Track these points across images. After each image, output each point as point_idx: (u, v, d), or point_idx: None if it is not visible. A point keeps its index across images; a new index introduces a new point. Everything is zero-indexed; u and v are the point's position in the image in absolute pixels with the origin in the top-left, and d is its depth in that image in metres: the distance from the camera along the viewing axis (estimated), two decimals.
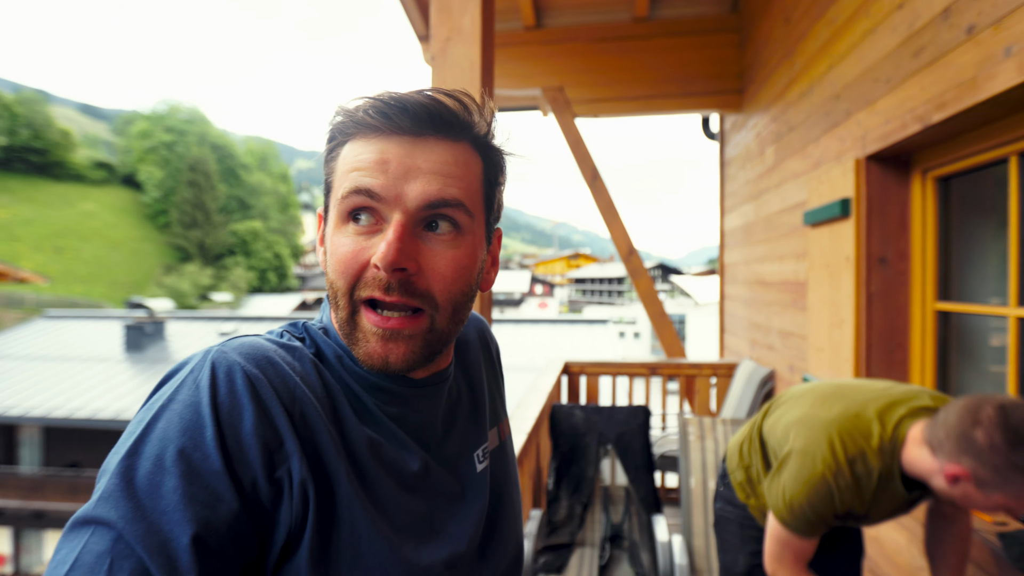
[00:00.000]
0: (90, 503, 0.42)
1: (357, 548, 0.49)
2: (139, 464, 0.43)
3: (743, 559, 1.55)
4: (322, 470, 0.49)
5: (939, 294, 2.00)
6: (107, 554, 0.40)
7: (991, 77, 1.39)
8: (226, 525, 0.43)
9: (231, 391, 0.46)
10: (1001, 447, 1.00)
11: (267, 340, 0.53)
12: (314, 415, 0.49)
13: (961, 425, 1.05)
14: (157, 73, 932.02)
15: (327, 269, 0.54)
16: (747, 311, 3.90)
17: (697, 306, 35.24)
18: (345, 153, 0.53)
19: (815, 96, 2.61)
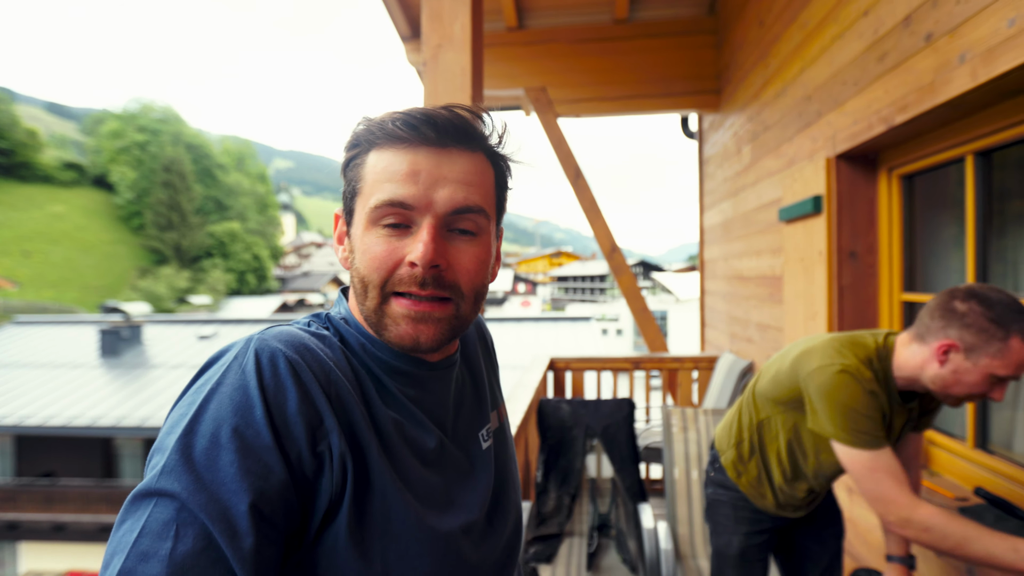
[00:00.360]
0: (150, 478, 0.47)
1: (387, 515, 0.55)
2: (196, 441, 0.47)
3: (737, 540, 1.59)
4: (357, 445, 0.55)
5: (905, 285, 2.11)
6: (172, 521, 0.44)
7: (947, 82, 1.49)
8: (277, 494, 0.48)
9: (275, 374, 0.52)
10: (978, 309, 1.15)
11: (301, 329, 0.59)
12: (348, 396, 0.55)
13: (941, 306, 1.21)
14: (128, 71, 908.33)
15: (356, 265, 0.60)
16: (726, 305, 4.01)
17: (678, 302, 35.63)
18: (373, 161, 0.60)
19: (788, 97, 2.72)
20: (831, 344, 1.35)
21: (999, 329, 1.13)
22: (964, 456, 1.76)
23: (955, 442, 1.82)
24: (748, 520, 1.59)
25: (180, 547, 0.43)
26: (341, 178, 0.64)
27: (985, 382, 1.18)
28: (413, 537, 0.56)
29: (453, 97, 1.43)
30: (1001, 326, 1.13)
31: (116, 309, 19.97)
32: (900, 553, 1.47)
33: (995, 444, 1.70)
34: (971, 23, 1.40)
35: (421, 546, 0.57)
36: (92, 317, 19.50)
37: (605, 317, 37.70)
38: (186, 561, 0.43)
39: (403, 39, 4.11)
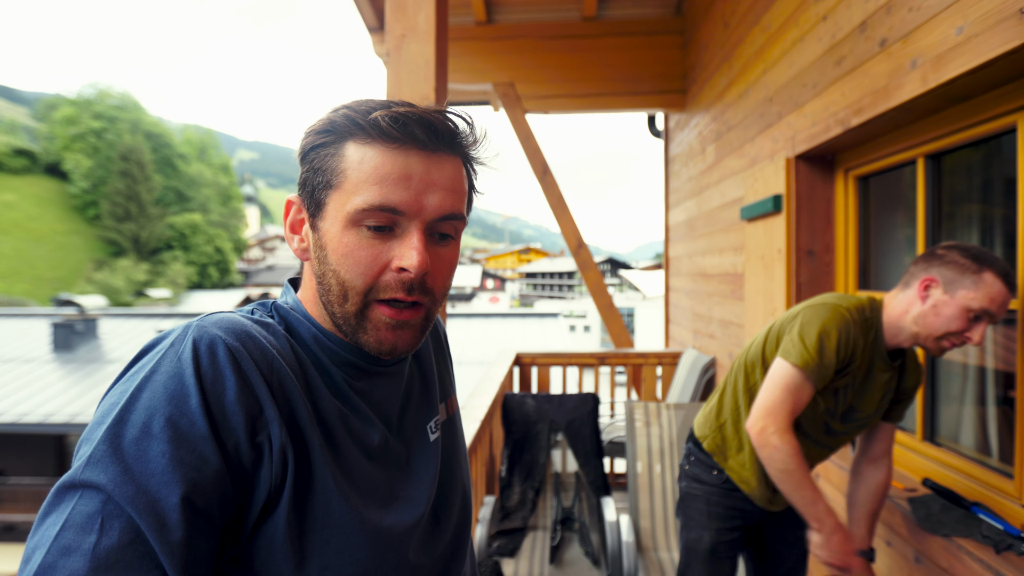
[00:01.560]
0: (75, 469, 0.44)
1: (328, 508, 0.54)
2: (126, 431, 0.45)
3: (708, 535, 1.59)
4: (299, 436, 0.53)
5: (860, 283, 2.17)
6: (97, 514, 0.42)
7: (900, 86, 1.54)
8: (212, 486, 0.47)
9: (213, 362, 0.50)
10: (956, 252, 1.28)
11: (244, 316, 0.57)
12: (291, 386, 0.54)
13: (925, 255, 1.34)
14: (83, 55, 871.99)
15: (333, 266, 0.57)
16: (690, 302, 4.08)
17: (645, 299, 36.14)
18: (355, 156, 0.56)
19: (751, 98, 2.77)
20: (830, 295, 1.46)
21: (974, 263, 1.25)
22: (913, 448, 1.83)
23: (905, 435, 1.88)
24: (720, 516, 1.60)
25: (105, 541, 0.42)
26: (299, 162, 0.60)
27: (962, 316, 1.26)
28: (353, 531, 0.55)
29: (417, 88, 1.41)
30: (976, 261, 1.25)
31: (70, 302, 19.22)
32: (860, 546, 1.52)
33: (943, 437, 1.77)
34: (922, 30, 1.45)
35: (361, 540, 0.56)
36: (44, 310, 18.72)
37: (573, 314, 37.99)
38: (111, 555, 0.42)
39: (370, 30, 4.05)
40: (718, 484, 1.60)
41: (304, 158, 0.59)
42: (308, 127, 0.59)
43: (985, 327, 1.27)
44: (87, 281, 45.84)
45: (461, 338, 14.25)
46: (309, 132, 0.59)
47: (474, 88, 4.28)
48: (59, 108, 59.29)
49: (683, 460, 1.73)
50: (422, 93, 1.42)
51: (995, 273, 1.23)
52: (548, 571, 2.11)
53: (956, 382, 1.73)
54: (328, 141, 0.57)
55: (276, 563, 0.52)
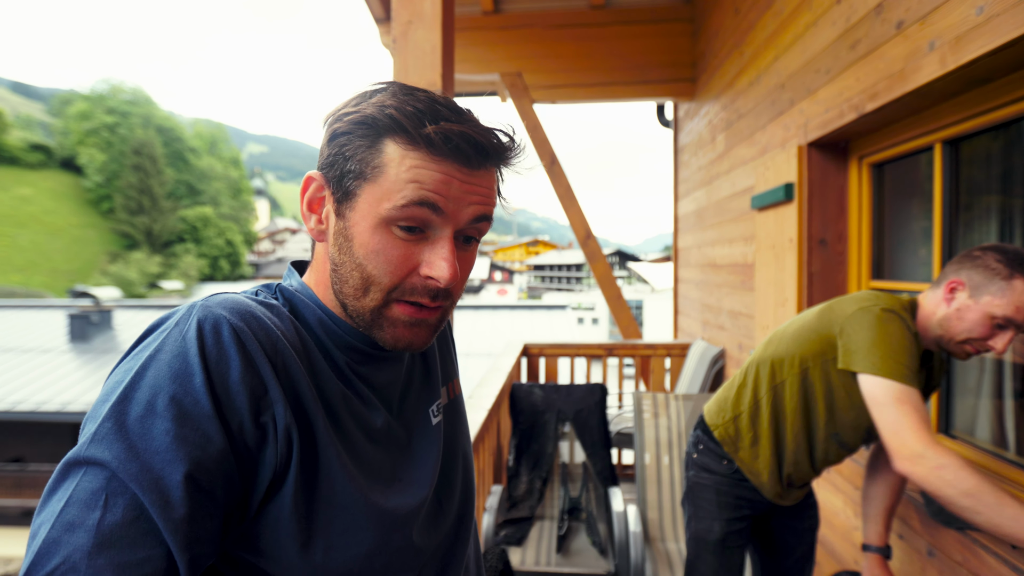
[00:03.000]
0: (80, 446, 0.44)
1: (332, 488, 0.54)
2: (130, 409, 0.45)
3: (719, 526, 1.56)
4: (304, 416, 0.53)
5: (873, 273, 2.14)
6: (102, 491, 0.42)
7: (917, 69, 1.50)
8: (215, 464, 0.46)
9: (218, 342, 0.49)
10: (992, 254, 1.20)
11: (248, 297, 0.57)
12: (294, 366, 0.53)
13: (962, 255, 1.26)
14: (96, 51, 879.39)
15: (359, 259, 0.56)
16: (699, 293, 4.04)
17: (654, 292, 36.00)
18: (396, 154, 0.54)
19: (762, 85, 2.72)
20: (864, 294, 1.38)
21: (1005, 268, 1.17)
22: None
23: None
24: (730, 506, 1.57)
25: (109, 517, 0.42)
26: (326, 141, 0.57)
27: (985, 323, 1.20)
28: (358, 512, 0.55)
29: (423, 75, 1.39)
30: (1008, 266, 1.17)
31: (86, 294, 19.45)
32: (877, 543, 1.48)
33: (958, 430, 1.73)
34: (941, 11, 1.41)
35: (366, 521, 0.56)
36: (61, 302, 18.98)
37: (581, 306, 37.93)
38: (115, 532, 0.41)
39: (377, 21, 4.02)
40: (728, 474, 1.57)
41: (333, 139, 0.57)
42: (342, 109, 0.57)
43: (1011, 336, 1.18)
44: (102, 273, 46.41)
45: (469, 330, 14.27)
46: (342, 117, 0.56)
47: (481, 78, 4.25)
48: (73, 103, 59.88)
49: (690, 448, 1.68)
50: (428, 80, 1.40)
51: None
52: (555, 560, 2.10)
53: (973, 374, 1.69)
54: (367, 133, 0.55)
55: (282, 542, 0.52)
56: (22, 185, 53.53)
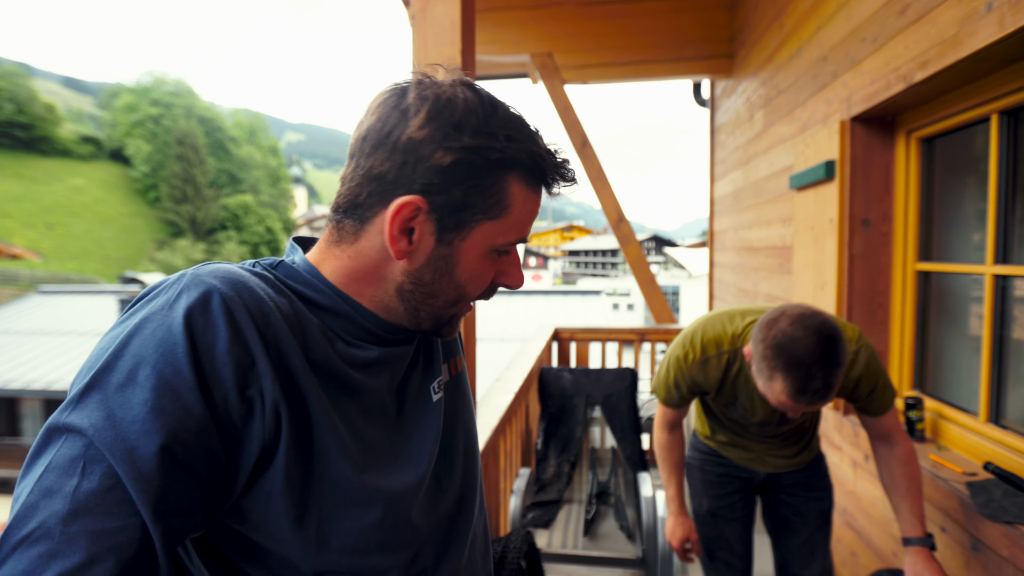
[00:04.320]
0: (61, 411, 0.44)
1: (326, 464, 0.53)
2: (111, 378, 0.45)
3: (707, 501, 1.69)
4: (295, 392, 0.51)
5: (920, 254, 2.03)
6: (80, 458, 0.42)
7: (972, 33, 1.40)
8: (194, 437, 0.45)
9: (205, 311, 0.48)
10: (765, 341, 1.20)
11: (241, 268, 0.56)
12: (286, 340, 0.52)
13: (762, 320, 1.25)
14: (140, 44, 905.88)
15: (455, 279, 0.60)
16: (735, 277, 3.93)
17: (691, 278, 35.38)
18: (519, 196, 0.59)
19: (803, 58, 2.60)
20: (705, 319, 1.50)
21: (768, 367, 1.19)
22: (975, 431, 1.71)
23: (967, 416, 1.76)
24: (715, 483, 1.69)
25: (85, 485, 0.42)
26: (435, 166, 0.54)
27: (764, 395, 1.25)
28: (352, 488, 0.54)
29: (442, 51, 1.36)
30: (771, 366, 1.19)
31: (135, 280, 20.29)
32: (917, 534, 1.39)
33: (1009, 419, 1.64)
34: None
35: (361, 497, 0.55)
36: (112, 287, 19.85)
37: (616, 292, 37.57)
38: (90, 500, 0.41)
39: (405, 3, 4.00)
40: (707, 452, 1.71)
41: (455, 169, 0.55)
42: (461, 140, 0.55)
43: (798, 410, 1.21)
44: (149, 260, 48.30)
45: (503, 315, 14.31)
46: (467, 149, 0.55)
47: (512, 60, 4.19)
48: (120, 96, 62.08)
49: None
50: (448, 56, 1.37)
51: (784, 384, 1.17)
52: (582, 543, 2.09)
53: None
54: (493, 169, 0.57)
55: (274, 518, 0.51)
56: (75, 176, 55.92)
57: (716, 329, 1.43)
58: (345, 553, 0.55)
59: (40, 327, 15.51)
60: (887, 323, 2.13)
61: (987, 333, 1.67)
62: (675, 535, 1.60)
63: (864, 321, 2.14)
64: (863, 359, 1.36)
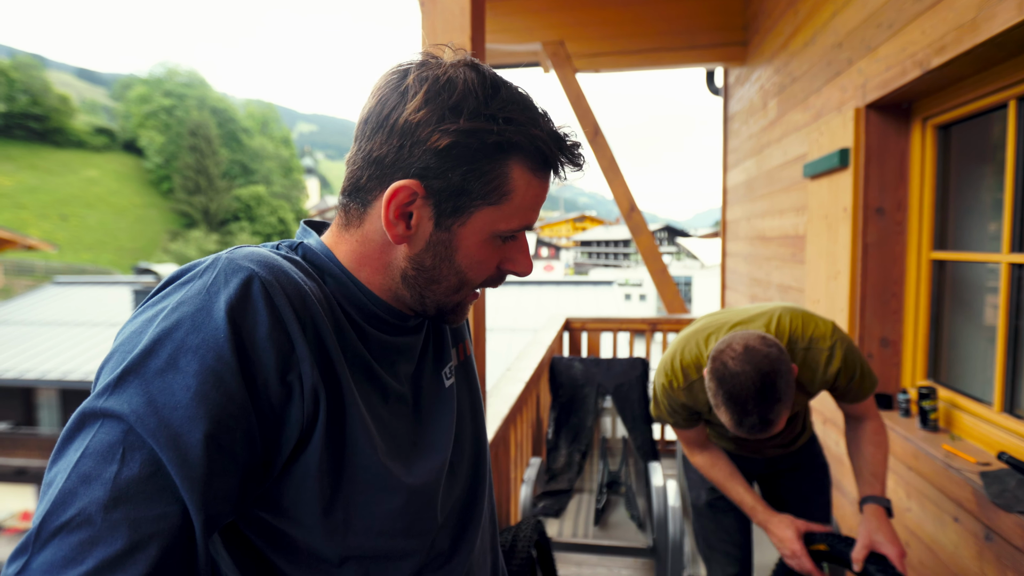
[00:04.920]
0: (96, 397, 0.43)
1: (355, 449, 0.53)
2: (150, 362, 0.44)
3: (704, 493, 1.70)
4: (332, 375, 0.52)
5: (935, 243, 2.00)
6: (119, 444, 0.41)
7: (991, 17, 1.37)
8: (237, 423, 0.45)
9: (246, 296, 0.47)
10: (711, 372, 1.23)
11: (272, 251, 0.55)
12: (323, 324, 0.52)
13: (714, 348, 1.27)
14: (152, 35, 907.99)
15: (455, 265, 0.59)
16: (748, 267, 3.91)
17: (704, 268, 35.16)
18: (521, 181, 0.57)
19: (818, 45, 2.56)
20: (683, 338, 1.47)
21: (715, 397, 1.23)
22: (989, 420, 1.69)
23: (981, 406, 1.74)
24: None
25: (125, 471, 0.41)
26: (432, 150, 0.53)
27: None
28: (379, 472, 0.55)
29: (452, 37, 1.36)
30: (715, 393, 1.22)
31: (149, 271, 20.48)
32: (875, 492, 1.41)
33: (1023, 409, 1.62)
34: None
35: (387, 482, 0.55)
36: (126, 278, 20.09)
37: (628, 282, 37.44)
38: (131, 486, 0.41)
39: None
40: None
41: (450, 152, 0.53)
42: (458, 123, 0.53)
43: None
44: (163, 251, 48.78)
45: (514, 305, 14.32)
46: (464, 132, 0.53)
47: (523, 48, 4.17)
48: (133, 87, 62.47)
49: None
50: (458, 43, 1.37)
51: (725, 415, 1.21)
52: (593, 532, 2.10)
53: None
54: (491, 153, 0.54)
55: (305, 502, 0.51)
56: (89, 167, 56.46)
57: (692, 352, 1.41)
58: (370, 536, 0.55)
59: (55, 318, 15.74)
60: (900, 312, 2.11)
61: (1002, 322, 1.65)
62: (786, 539, 1.38)
63: (877, 311, 2.12)
64: (839, 353, 1.35)
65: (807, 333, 1.36)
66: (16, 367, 12.80)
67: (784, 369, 1.19)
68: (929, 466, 1.71)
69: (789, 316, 1.38)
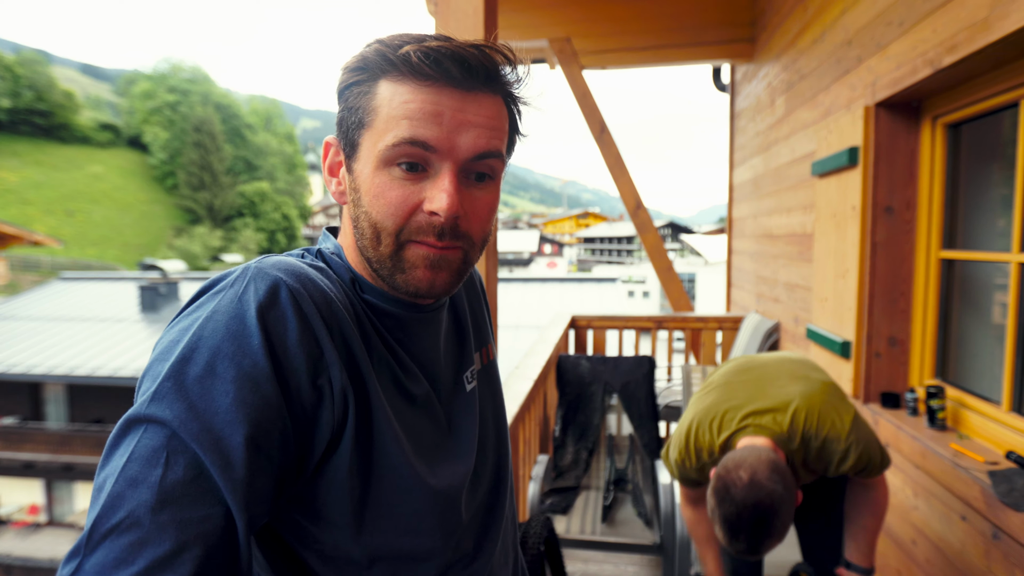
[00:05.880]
0: (140, 403, 0.45)
1: (384, 450, 0.55)
2: (189, 369, 0.45)
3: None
4: (359, 378, 0.53)
5: (944, 242, 2.00)
6: (163, 448, 0.43)
7: (1004, 16, 1.37)
8: (273, 426, 0.47)
9: (275, 304, 0.49)
10: (713, 489, 1.26)
11: (297, 259, 0.57)
12: (348, 329, 0.54)
13: (722, 463, 1.29)
14: (156, 31, 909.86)
15: (365, 208, 0.56)
16: (754, 265, 3.91)
17: (707, 265, 35.09)
18: (387, 93, 0.53)
19: (827, 42, 2.56)
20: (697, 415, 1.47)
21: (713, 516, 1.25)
22: (998, 420, 1.70)
23: (989, 405, 1.75)
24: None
25: (170, 475, 0.42)
26: (336, 101, 0.58)
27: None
28: (406, 474, 0.56)
29: (465, 38, 1.37)
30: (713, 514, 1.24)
31: (154, 266, 20.58)
32: (863, 564, 1.48)
33: None
34: None
35: (413, 482, 0.56)
36: (132, 274, 20.17)
37: (632, 279, 37.41)
38: (176, 489, 0.42)
39: None
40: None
41: (340, 96, 0.57)
42: (343, 64, 0.57)
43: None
44: (168, 247, 48.92)
45: (518, 303, 14.33)
46: (344, 69, 0.56)
47: (529, 45, 4.16)
48: (137, 83, 62.48)
49: None
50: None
51: (719, 531, 1.23)
52: (600, 529, 2.11)
53: None
54: (362, 79, 0.55)
55: (338, 501, 0.53)
56: (94, 163, 56.62)
57: (705, 435, 1.43)
58: (397, 535, 0.56)
59: (62, 313, 15.83)
60: (909, 312, 2.11)
61: (1012, 322, 1.65)
62: None
63: (886, 309, 2.12)
64: (853, 455, 1.36)
65: (822, 433, 1.35)
66: (23, 362, 12.89)
67: (784, 508, 1.20)
68: (937, 465, 1.71)
69: (805, 412, 1.35)
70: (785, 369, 1.47)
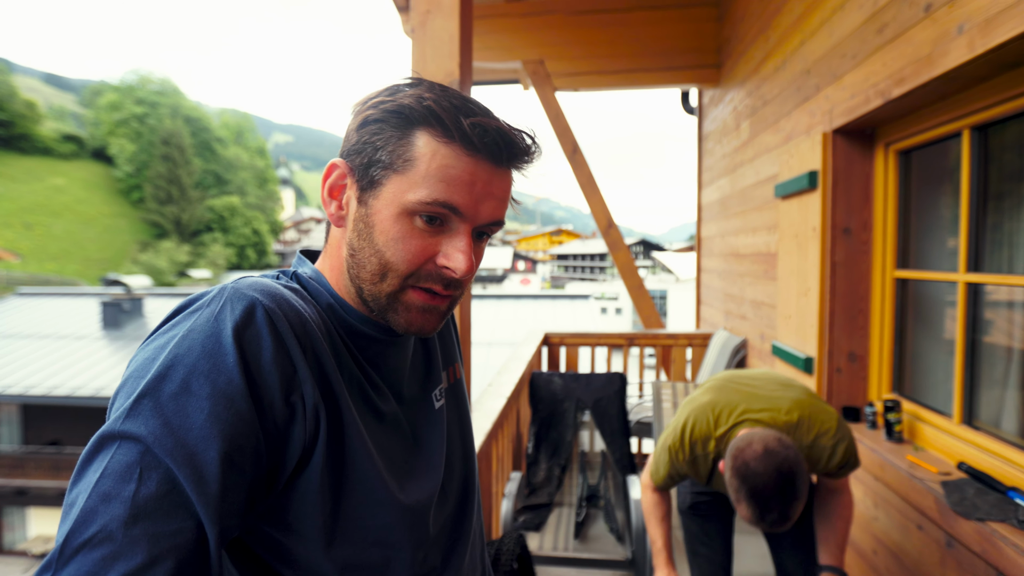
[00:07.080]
0: (114, 420, 0.46)
1: (355, 466, 0.57)
2: (164, 386, 0.46)
3: (689, 497, 1.80)
4: (331, 396, 0.55)
5: (898, 262, 2.10)
6: (136, 464, 0.44)
7: (944, 54, 1.47)
8: (246, 441, 0.48)
9: (251, 323, 0.51)
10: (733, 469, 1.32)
11: (272, 280, 0.59)
12: (321, 348, 0.56)
13: (734, 444, 1.37)
14: (124, 41, 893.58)
15: (378, 246, 0.58)
16: (722, 283, 4.01)
17: (678, 282, 35.65)
18: (427, 148, 0.56)
19: (788, 71, 2.68)
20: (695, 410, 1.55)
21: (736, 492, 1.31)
22: (950, 432, 1.78)
23: (941, 418, 1.83)
24: (691, 481, 1.79)
25: (143, 490, 0.43)
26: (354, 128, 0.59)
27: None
28: (376, 488, 0.58)
29: (441, 64, 1.40)
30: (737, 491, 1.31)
31: (117, 282, 20.00)
32: (835, 563, 1.55)
33: (982, 421, 1.71)
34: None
35: (384, 496, 0.58)
36: (94, 289, 19.59)
37: (604, 296, 37.76)
38: (149, 504, 0.43)
39: (399, 9, 4.02)
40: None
41: (363, 127, 0.58)
42: (374, 98, 0.58)
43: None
44: (133, 262, 47.62)
45: (491, 319, 14.33)
46: (376, 105, 0.58)
47: (503, 66, 4.25)
48: (104, 94, 61.10)
49: None
50: (447, 69, 1.41)
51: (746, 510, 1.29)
52: (572, 546, 2.13)
53: (1000, 365, 1.67)
54: (399, 124, 0.57)
55: (308, 515, 0.54)
56: (56, 175, 54.97)
57: (702, 428, 1.51)
58: (365, 546, 0.58)
59: (18, 330, 15.26)
60: (867, 328, 2.20)
61: (960, 338, 1.74)
62: None
63: (845, 326, 2.21)
64: (841, 451, 1.46)
65: (812, 430, 1.46)
66: None
67: (801, 469, 1.28)
68: (894, 476, 1.78)
69: (798, 412, 1.47)
70: (772, 379, 1.59)
